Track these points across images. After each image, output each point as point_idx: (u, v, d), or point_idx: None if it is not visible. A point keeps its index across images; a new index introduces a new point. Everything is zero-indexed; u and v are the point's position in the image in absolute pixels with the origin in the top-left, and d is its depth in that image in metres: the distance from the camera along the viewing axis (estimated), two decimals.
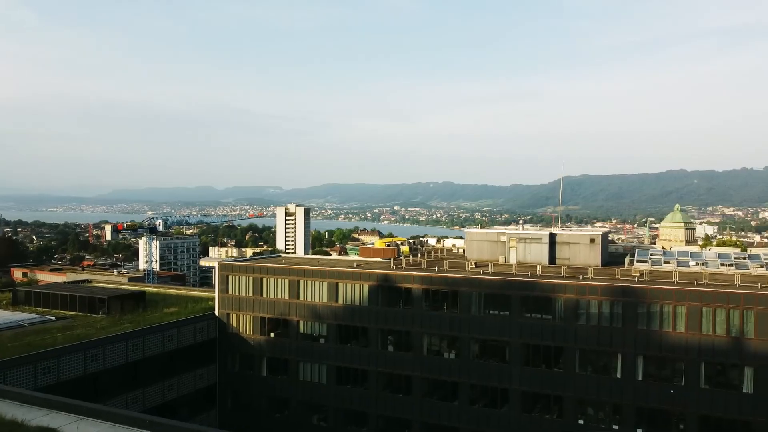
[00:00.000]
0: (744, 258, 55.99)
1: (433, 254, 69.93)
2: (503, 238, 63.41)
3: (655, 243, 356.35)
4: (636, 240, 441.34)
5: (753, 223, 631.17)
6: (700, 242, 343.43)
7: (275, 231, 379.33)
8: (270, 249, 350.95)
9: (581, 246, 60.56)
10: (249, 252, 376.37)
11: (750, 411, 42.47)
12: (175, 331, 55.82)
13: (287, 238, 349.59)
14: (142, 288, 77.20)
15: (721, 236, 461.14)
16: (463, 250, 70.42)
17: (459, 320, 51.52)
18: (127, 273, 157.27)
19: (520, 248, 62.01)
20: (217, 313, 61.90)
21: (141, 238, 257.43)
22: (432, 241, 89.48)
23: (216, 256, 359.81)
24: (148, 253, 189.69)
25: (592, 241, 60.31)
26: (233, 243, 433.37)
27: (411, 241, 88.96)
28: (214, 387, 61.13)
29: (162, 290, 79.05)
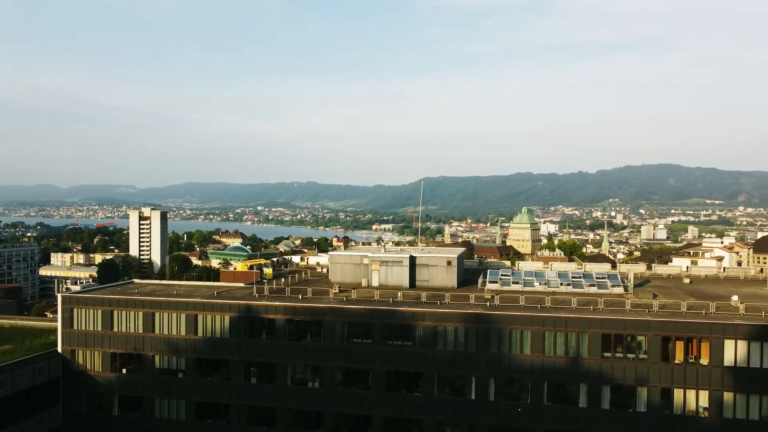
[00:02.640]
0: (579, 277, 62.02)
1: (297, 276, 69.49)
2: (366, 261, 64.71)
3: (505, 242, 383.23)
4: (489, 239, 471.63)
5: (587, 222, 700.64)
6: (544, 240, 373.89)
7: (128, 234, 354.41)
8: (123, 254, 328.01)
9: (439, 268, 63.53)
10: (98, 258, 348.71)
11: (585, 423, 47.14)
12: (9, 376, 50.33)
13: (141, 243, 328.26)
14: None
15: (561, 235, 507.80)
16: (327, 270, 70.82)
17: (323, 349, 51.76)
18: None
19: (382, 271, 63.62)
20: (60, 350, 56.77)
21: None
22: (296, 259, 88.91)
23: (59, 264, 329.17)
24: None
25: (449, 263, 63.49)
26: (79, 248, 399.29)
27: (274, 260, 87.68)
28: (57, 431, 55.98)
29: None
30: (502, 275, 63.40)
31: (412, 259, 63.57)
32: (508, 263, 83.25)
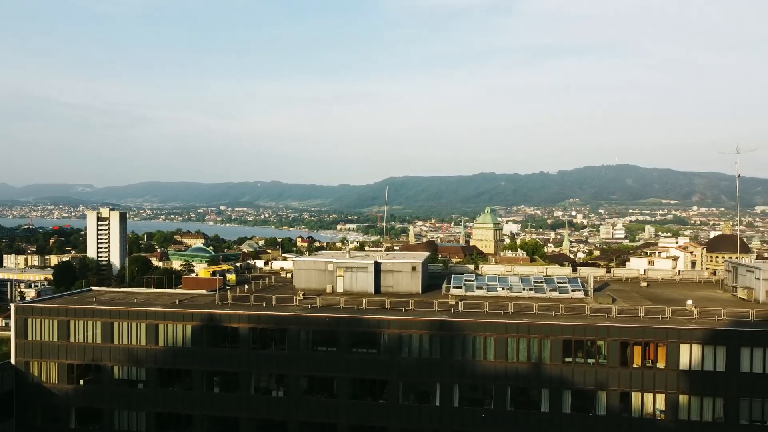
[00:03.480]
0: (541, 282, 63.11)
1: (260, 283, 68.81)
2: (330, 267, 64.49)
3: (468, 241, 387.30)
4: (453, 239, 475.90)
5: (549, 221, 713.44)
6: (507, 240, 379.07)
7: (85, 234, 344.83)
8: (80, 256, 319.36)
9: (404, 274, 63.74)
10: (54, 260, 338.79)
11: (547, 428, 47.93)
12: None
13: (100, 244, 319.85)
14: None
15: (523, 234, 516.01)
16: (292, 275, 70.29)
17: (287, 358, 51.39)
18: None
19: (347, 277, 63.48)
20: (13, 361, 54.89)
21: None
22: (260, 264, 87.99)
23: (13, 266, 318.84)
24: None
25: (414, 269, 63.77)
26: (34, 249, 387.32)
27: (238, 265, 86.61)
28: None
29: None
30: (466, 280, 64.03)
31: (377, 264, 63.61)
32: (471, 267, 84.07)
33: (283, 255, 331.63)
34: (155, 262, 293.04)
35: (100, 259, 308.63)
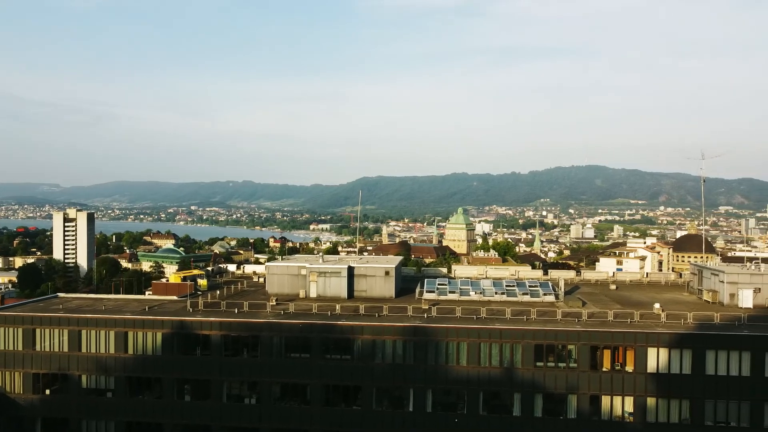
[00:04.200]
0: (513, 286, 63.75)
1: (233, 288, 68.10)
2: (304, 272, 64.19)
3: (441, 241, 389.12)
4: (426, 239, 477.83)
5: (520, 221, 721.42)
6: (479, 240, 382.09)
7: (51, 235, 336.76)
8: (46, 257, 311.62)
9: (377, 278, 63.80)
10: (18, 261, 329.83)
11: (519, 431, 48.46)
12: None
13: (66, 246, 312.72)
14: None
15: (495, 234, 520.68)
16: (264, 280, 69.75)
17: (260, 365, 50.98)
18: None
19: (320, 282, 63.26)
20: None
21: None
22: (232, 268, 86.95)
23: None
24: None
25: (387, 273, 63.87)
26: None
27: (209, 269, 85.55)
28: None
29: None
30: (439, 284, 64.35)
31: (351, 269, 63.53)
32: (444, 270, 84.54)
33: (255, 256, 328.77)
34: (124, 264, 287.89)
35: (66, 260, 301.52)
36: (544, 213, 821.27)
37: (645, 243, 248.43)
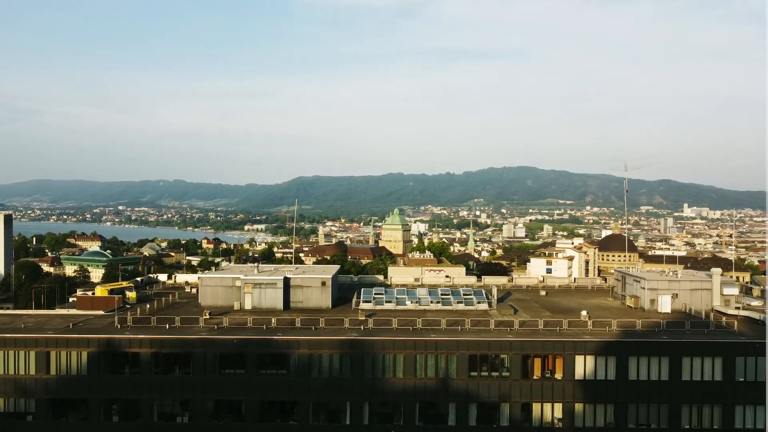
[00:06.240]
0: (448, 295, 64.89)
1: (164, 300, 66.01)
2: (238, 283, 63.05)
3: (378, 242, 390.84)
4: (362, 239, 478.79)
5: (455, 221, 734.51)
6: (415, 241, 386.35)
7: None
8: None
9: (314, 289, 63.48)
10: None
11: None
12: None
13: None
14: None
15: (431, 234, 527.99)
16: (197, 290, 68.02)
17: (192, 382, 49.66)
18: None
19: (255, 293, 62.29)
20: None
21: None
22: (163, 277, 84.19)
23: None
24: None
25: (323, 284, 63.63)
26: None
27: (138, 280, 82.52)
28: None
29: None
30: (375, 294, 64.72)
31: (287, 280, 62.88)
32: (381, 278, 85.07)
33: (187, 258, 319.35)
34: (46, 268, 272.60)
35: None
36: (478, 213, 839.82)
37: (573, 243, 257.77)
